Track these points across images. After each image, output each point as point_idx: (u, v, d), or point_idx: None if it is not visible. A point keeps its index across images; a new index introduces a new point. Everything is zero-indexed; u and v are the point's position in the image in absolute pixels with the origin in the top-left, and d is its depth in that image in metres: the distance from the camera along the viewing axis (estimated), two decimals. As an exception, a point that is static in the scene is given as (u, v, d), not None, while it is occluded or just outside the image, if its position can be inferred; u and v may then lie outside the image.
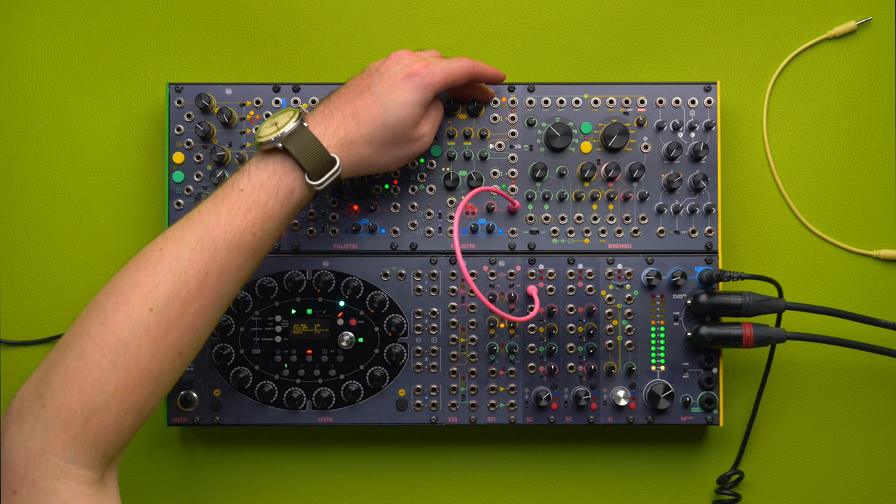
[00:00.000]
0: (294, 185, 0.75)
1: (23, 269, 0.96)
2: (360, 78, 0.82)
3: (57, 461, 0.66)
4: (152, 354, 0.69)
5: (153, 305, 0.69)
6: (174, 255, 0.71)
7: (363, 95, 0.79)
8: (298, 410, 0.91)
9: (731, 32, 0.97)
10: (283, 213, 0.75)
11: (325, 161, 0.75)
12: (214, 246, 0.72)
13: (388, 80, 0.80)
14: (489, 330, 0.91)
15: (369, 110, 0.79)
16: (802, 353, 0.96)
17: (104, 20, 0.96)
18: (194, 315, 0.71)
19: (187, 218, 0.73)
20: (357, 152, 0.79)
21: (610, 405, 0.91)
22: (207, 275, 0.71)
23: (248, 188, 0.74)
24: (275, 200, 0.74)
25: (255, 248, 0.74)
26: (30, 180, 0.96)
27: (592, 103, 0.92)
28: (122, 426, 0.69)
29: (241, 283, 0.75)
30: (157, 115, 0.96)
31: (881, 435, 0.97)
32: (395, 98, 0.79)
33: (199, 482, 0.96)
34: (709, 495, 0.97)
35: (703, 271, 0.91)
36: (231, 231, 0.72)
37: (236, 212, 0.73)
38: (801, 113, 0.97)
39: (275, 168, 0.75)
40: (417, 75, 0.80)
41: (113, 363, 0.68)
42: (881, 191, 0.97)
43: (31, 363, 0.95)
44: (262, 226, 0.74)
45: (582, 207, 0.92)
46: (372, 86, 0.80)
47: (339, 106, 0.79)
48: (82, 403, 0.67)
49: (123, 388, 0.68)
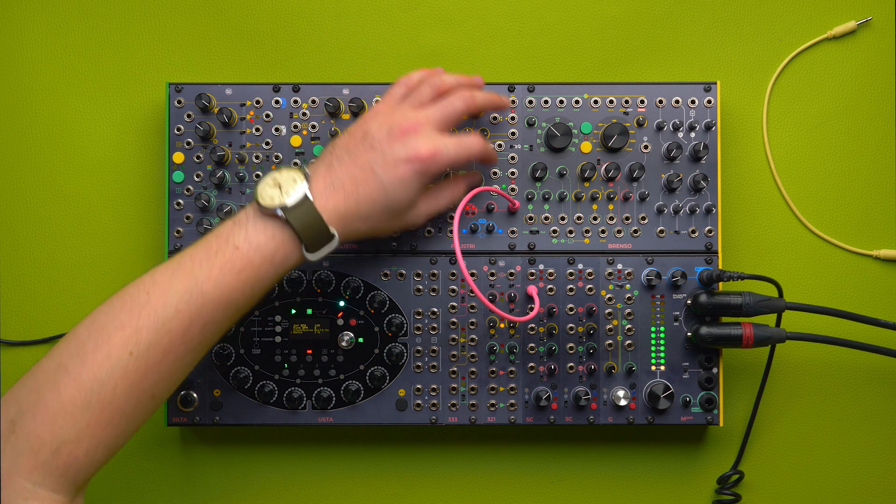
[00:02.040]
0: (290, 253, 0.75)
1: (23, 269, 0.96)
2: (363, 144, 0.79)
3: (24, 484, 0.67)
4: (127, 396, 0.69)
5: (133, 350, 0.69)
6: (160, 303, 0.71)
7: (365, 172, 0.77)
8: (298, 410, 0.91)
9: (731, 32, 0.97)
10: (275, 277, 0.75)
11: (325, 236, 0.76)
12: (203, 300, 0.71)
13: (391, 159, 0.77)
14: (489, 330, 0.91)
15: (370, 192, 0.77)
16: (802, 353, 0.96)
17: (104, 20, 0.96)
18: (173, 362, 0.72)
19: (178, 263, 0.73)
20: (353, 228, 0.79)
21: (610, 405, 0.91)
22: (191, 326, 0.71)
23: (243, 247, 0.73)
24: (269, 265, 0.74)
25: (243, 305, 0.75)
26: (30, 180, 0.96)
27: (592, 103, 0.92)
28: (91, 459, 0.69)
29: (222, 334, 0.76)
30: (157, 115, 0.96)
31: (881, 435, 0.97)
32: (395, 183, 0.78)
33: (199, 482, 0.96)
34: (709, 495, 0.97)
35: (703, 271, 0.91)
36: (221, 287, 0.72)
37: (229, 269, 0.72)
38: (801, 113, 0.97)
39: (273, 234, 0.74)
40: (421, 162, 0.78)
41: (87, 400, 0.68)
42: (881, 191, 0.97)
43: (30, 363, 0.94)
44: (253, 286, 0.74)
45: (582, 207, 0.92)
46: (374, 165, 0.77)
47: (340, 180, 0.77)
48: (52, 434, 0.67)
49: (96, 425, 0.68)
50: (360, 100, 0.91)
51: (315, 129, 0.92)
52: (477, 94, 0.85)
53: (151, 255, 0.95)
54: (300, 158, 0.91)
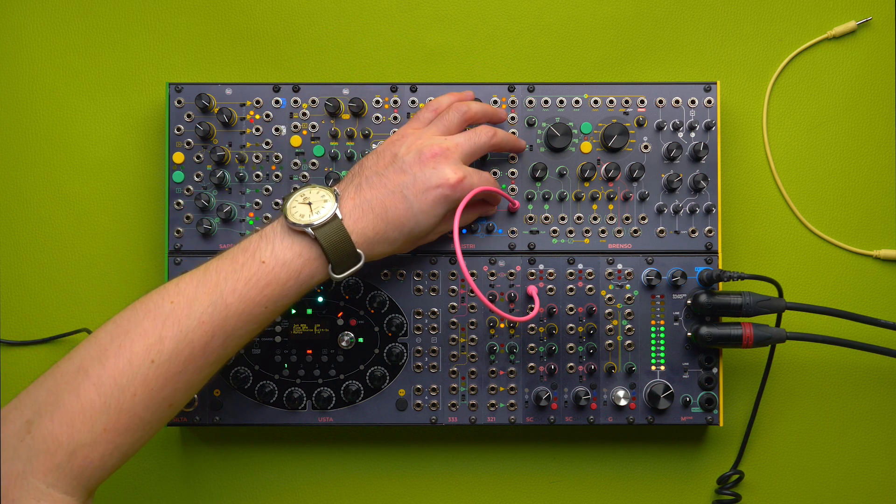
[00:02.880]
0: (316, 271, 0.75)
1: (23, 269, 0.96)
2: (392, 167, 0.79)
3: (38, 485, 0.67)
4: (146, 404, 0.70)
5: (156, 358, 0.70)
6: (185, 313, 0.71)
7: (395, 196, 0.78)
8: (298, 410, 0.91)
9: (731, 32, 0.97)
10: (299, 294, 0.76)
11: (352, 258, 0.76)
12: (226, 312, 0.72)
13: (421, 184, 0.78)
14: (489, 330, 0.91)
15: (398, 216, 0.78)
16: (802, 353, 0.96)
17: (104, 20, 0.96)
18: (193, 373, 0.72)
19: (203, 274, 0.73)
20: (379, 251, 0.79)
21: (610, 405, 0.91)
22: (213, 338, 0.72)
23: (269, 262, 0.73)
24: (294, 281, 0.74)
25: (265, 319, 0.75)
26: (30, 180, 0.96)
27: (592, 103, 0.92)
28: (105, 464, 0.69)
29: (241, 347, 0.76)
30: (157, 115, 0.96)
31: (881, 435, 0.97)
32: (425, 209, 0.78)
33: (199, 482, 0.96)
34: (709, 495, 0.97)
35: (703, 271, 0.91)
36: (245, 301, 0.72)
37: (254, 284, 0.73)
38: (801, 113, 0.97)
39: (300, 251, 0.74)
40: (451, 188, 0.79)
41: (106, 405, 0.68)
42: (881, 191, 0.97)
43: (31, 363, 0.95)
44: (276, 301, 0.74)
45: (582, 207, 0.92)
46: (404, 189, 0.78)
47: (369, 199, 0.77)
48: (70, 437, 0.67)
49: (113, 430, 0.69)
50: (360, 100, 0.91)
51: (315, 129, 0.92)
52: (499, 132, 0.86)
53: (151, 255, 0.95)
54: (300, 158, 0.91)
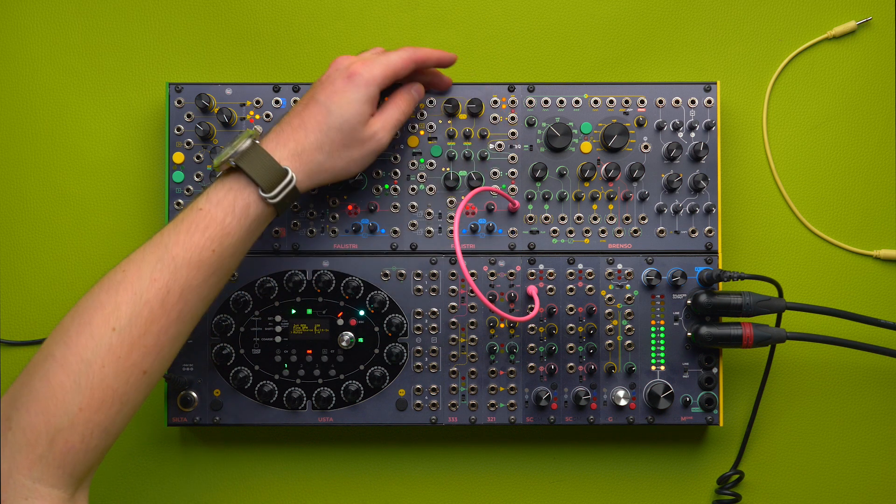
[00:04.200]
0: (249, 199, 0.76)
1: (23, 269, 0.96)
2: (306, 94, 0.83)
3: (24, 481, 0.67)
4: (116, 374, 0.70)
5: (115, 325, 0.70)
6: (135, 276, 0.72)
7: (308, 105, 0.81)
8: (298, 410, 0.91)
9: (731, 32, 0.97)
10: (241, 229, 0.76)
11: (277, 173, 0.77)
12: (174, 264, 0.73)
13: (329, 85, 0.81)
14: (489, 330, 0.91)
15: (315, 117, 0.80)
16: (802, 353, 0.96)
17: (104, 20, 0.96)
18: (157, 334, 0.72)
19: (149, 240, 0.75)
20: (310, 160, 0.80)
21: (610, 405, 0.91)
22: (169, 293, 0.72)
23: (205, 207, 0.75)
24: (231, 216, 0.76)
25: (216, 265, 0.75)
26: (30, 180, 0.96)
27: (592, 103, 0.92)
28: (88, 446, 0.69)
29: (204, 302, 0.76)
30: (157, 115, 0.96)
31: (881, 435, 0.97)
32: (337, 100, 0.80)
33: (199, 482, 0.96)
34: (709, 495, 0.97)
35: (703, 271, 0.91)
36: (190, 249, 0.74)
37: (194, 230, 0.74)
38: (801, 113, 0.97)
39: (230, 186, 0.77)
40: (357, 74, 0.81)
41: (76, 383, 0.69)
42: (881, 191, 0.97)
43: (31, 363, 0.95)
44: (221, 242, 0.75)
45: (582, 207, 0.92)
46: (315, 95, 0.81)
47: (287, 121, 0.81)
48: (47, 424, 0.68)
49: (88, 408, 0.69)
50: (360, 100, 0.91)
51: (315, 129, 0.92)
52: (420, 48, 0.86)
53: (151, 255, 0.95)
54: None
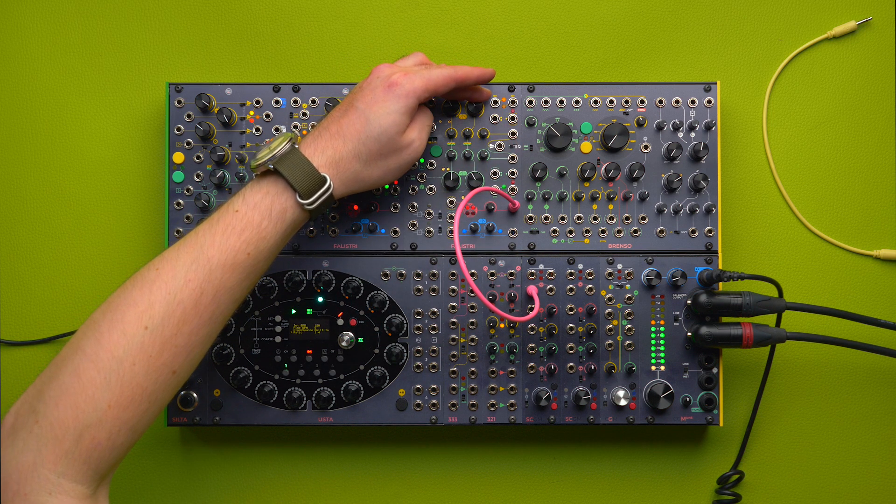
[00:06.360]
0: (286, 204, 0.76)
1: (23, 269, 0.96)
2: (345, 99, 0.83)
3: (49, 476, 0.67)
4: (146, 372, 0.70)
5: (148, 324, 0.70)
6: (170, 275, 0.72)
7: (347, 113, 0.80)
8: (298, 410, 0.91)
9: (731, 32, 0.97)
10: (277, 234, 0.77)
11: (315, 180, 0.77)
12: (209, 265, 0.73)
13: (369, 93, 0.81)
14: (489, 330, 0.91)
15: (353, 125, 0.80)
16: (802, 353, 0.96)
17: (104, 20, 0.96)
18: (189, 334, 0.72)
19: (184, 239, 0.75)
20: (347, 169, 0.80)
21: (610, 405, 0.91)
22: (202, 294, 0.73)
23: (242, 209, 0.75)
24: (268, 220, 0.76)
25: (250, 267, 0.75)
26: (30, 180, 0.96)
27: (592, 103, 0.92)
28: (114, 443, 0.69)
29: (235, 303, 0.76)
30: (157, 115, 0.96)
31: (881, 435, 0.97)
32: (377, 110, 0.80)
33: (199, 482, 0.96)
34: (709, 495, 0.97)
35: (703, 271, 0.91)
36: (225, 251, 0.74)
37: (230, 232, 0.74)
38: (801, 113, 0.97)
39: (268, 189, 0.76)
40: (397, 85, 0.81)
41: (107, 380, 0.68)
42: (881, 191, 0.97)
43: (31, 363, 0.95)
44: (256, 246, 0.75)
45: (582, 207, 0.92)
46: (354, 102, 0.81)
47: (325, 126, 0.80)
48: (75, 419, 0.68)
49: (117, 406, 0.69)
50: (360, 100, 0.91)
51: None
52: (462, 68, 0.86)
53: (151, 256, 0.94)
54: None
